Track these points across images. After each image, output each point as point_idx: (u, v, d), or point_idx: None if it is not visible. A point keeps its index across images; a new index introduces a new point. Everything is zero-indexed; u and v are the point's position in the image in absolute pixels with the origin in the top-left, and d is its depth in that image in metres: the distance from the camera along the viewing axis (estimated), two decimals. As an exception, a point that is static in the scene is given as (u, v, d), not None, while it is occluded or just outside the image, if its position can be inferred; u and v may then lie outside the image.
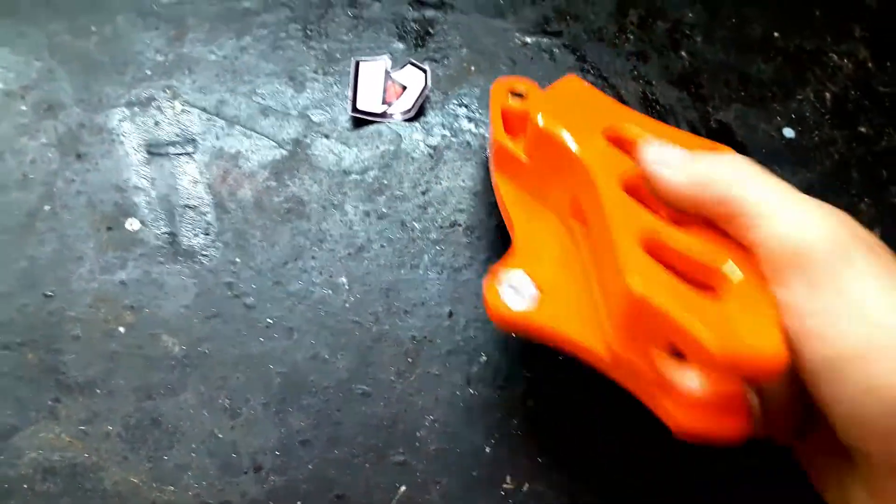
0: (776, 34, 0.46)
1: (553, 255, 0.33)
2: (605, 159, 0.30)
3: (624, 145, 0.31)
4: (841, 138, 0.44)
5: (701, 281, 0.27)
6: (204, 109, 0.43)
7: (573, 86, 0.35)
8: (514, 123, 0.36)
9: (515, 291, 0.31)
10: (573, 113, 0.33)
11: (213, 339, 0.38)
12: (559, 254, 0.33)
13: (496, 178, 0.37)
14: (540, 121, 0.32)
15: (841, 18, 0.47)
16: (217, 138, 0.42)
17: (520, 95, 0.36)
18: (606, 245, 0.28)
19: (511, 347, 0.38)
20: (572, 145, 0.31)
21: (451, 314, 0.38)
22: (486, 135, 0.43)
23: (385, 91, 0.43)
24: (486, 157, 0.42)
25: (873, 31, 0.46)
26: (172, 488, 0.35)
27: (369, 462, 0.36)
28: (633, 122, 0.32)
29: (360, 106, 0.43)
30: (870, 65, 0.46)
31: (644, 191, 0.30)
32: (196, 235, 0.40)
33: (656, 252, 0.27)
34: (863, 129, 0.44)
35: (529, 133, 0.34)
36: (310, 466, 0.36)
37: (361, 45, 0.45)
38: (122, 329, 0.38)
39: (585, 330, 0.30)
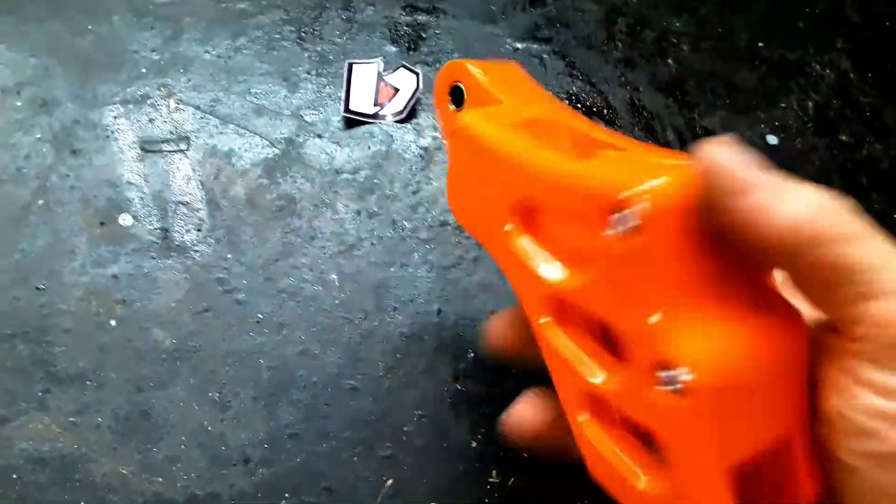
0: (761, 44, 0.47)
1: None
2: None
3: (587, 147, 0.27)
4: (822, 146, 0.45)
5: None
6: (198, 108, 0.43)
7: (512, 74, 0.32)
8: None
9: None
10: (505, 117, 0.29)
11: (204, 333, 0.38)
12: None
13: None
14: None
15: (824, 30, 0.48)
16: (210, 136, 0.43)
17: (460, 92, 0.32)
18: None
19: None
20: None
21: (439, 311, 0.39)
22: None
23: (377, 93, 0.44)
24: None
25: (855, 43, 0.48)
26: (161, 480, 0.35)
27: (357, 455, 0.36)
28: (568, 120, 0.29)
29: (352, 107, 0.43)
30: (851, 75, 0.47)
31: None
32: (188, 231, 0.40)
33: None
34: (844, 138, 0.45)
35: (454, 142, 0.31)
36: (298, 459, 0.36)
37: (355, 47, 0.46)
38: (113, 322, 0.38)
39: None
